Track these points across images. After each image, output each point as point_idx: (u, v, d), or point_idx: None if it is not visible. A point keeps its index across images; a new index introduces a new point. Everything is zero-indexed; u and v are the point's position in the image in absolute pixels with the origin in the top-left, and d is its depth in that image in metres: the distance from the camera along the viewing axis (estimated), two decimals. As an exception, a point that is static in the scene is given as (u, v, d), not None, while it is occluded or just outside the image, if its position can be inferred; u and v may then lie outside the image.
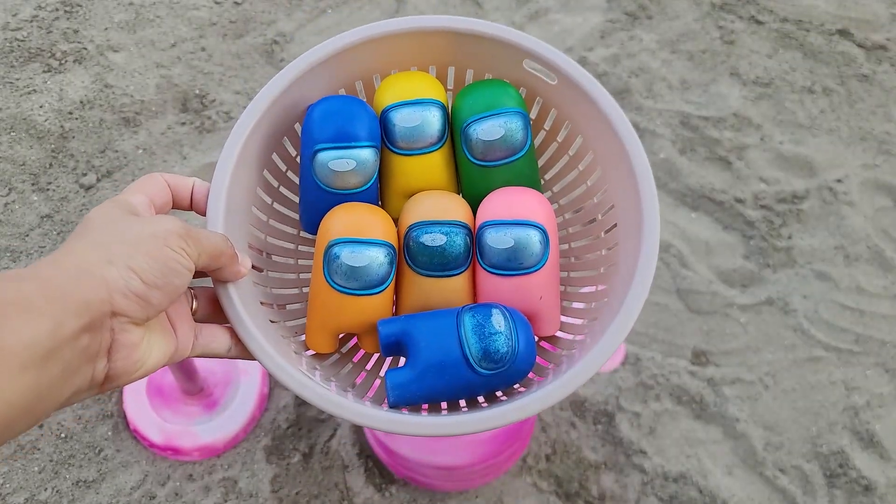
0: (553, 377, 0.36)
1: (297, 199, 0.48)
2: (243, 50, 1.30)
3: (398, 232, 0.42)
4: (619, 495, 0.82)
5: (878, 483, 0.85)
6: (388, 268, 0.39)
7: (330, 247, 0.39)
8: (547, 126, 0.47)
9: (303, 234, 0.49)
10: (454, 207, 0.41)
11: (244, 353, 0.37)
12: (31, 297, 0.25)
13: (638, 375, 0.92)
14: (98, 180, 1.08)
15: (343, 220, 0.39)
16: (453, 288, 0.40)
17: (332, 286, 0.39)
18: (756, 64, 1.37)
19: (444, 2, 1.44)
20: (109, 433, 0.84)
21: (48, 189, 1.07)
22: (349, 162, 0.40)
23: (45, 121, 1.14)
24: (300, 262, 0.48)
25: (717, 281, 1.05)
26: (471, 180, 0.44)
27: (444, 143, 0.43)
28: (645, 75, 1.33)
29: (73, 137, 1.13)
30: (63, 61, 1.25)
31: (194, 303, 0.37)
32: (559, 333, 0.43)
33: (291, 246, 0.48)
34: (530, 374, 0.40)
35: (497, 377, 0.35)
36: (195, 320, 0.37)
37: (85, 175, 1.09)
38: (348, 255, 0.38)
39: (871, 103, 1.32)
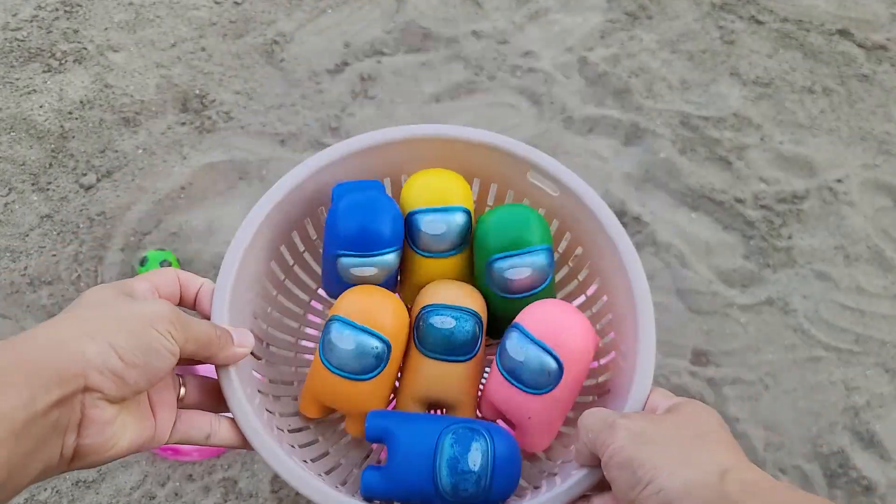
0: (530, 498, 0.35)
1: (300, 295, 0.49)
2: (243, 50, 1.30)
3: (410, 316, 0.42)
4: (620, 495, 0.82)
5: (878, 483, 0.85)
6: (375, 360, 0.38)
7: (329, 323, 0.39)
8: None
9: (303, 327, 0.49)
10: (467, 296, 0.41)
11: (228, 441, 0.37)
12: (6, 367, 0.25)
13: (638, 375, 0.92)
14: (98, 180, 1.08)
15: (352, 302, 0.39)
16: (457, 375, 0.40)
17: (322, 362, 0.39)
18: (756, 64, 1.37)
19: (445, 2, 1.44)
20: (109, 433, 0.84)
21: (48, 189, 1.07)
22: (371, 269, 0.41)
23: (45, 121, 1.14)
24: (299, 355, 0.49)
25: (717, 281, 1.05)
26: (492, 305, 0.44)
27: (465, 248, 0.44)
28: (645, 75, 1.33)
29: (73, 137, 1.13)
30: (63, 61, 1.25)
31: (182, 390, 0.37)
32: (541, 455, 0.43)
33: (292, 339, 0.48)
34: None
35: None
36: (184, 407, 0.36)
37: (85, 175, 1.09)
38: (338, 336, 0.38)
39: (871, 103, 1.31)
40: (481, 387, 0.44)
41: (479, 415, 0.44)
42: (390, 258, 0.41)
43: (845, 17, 1.47)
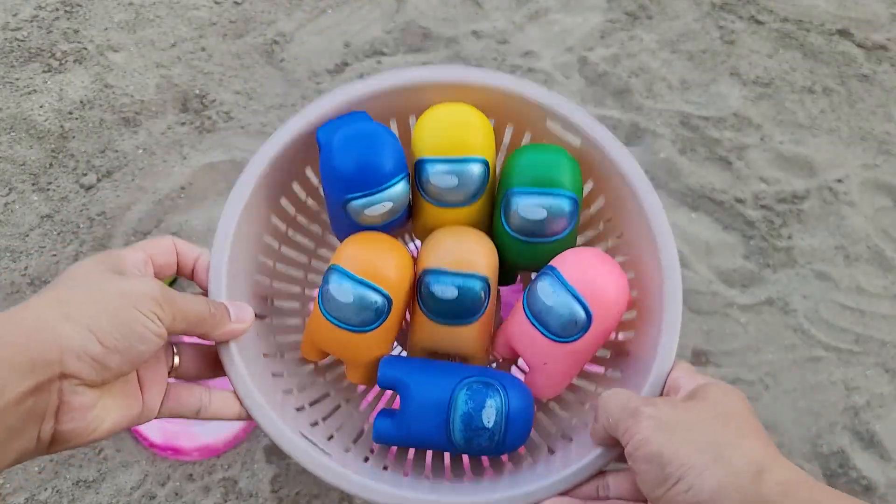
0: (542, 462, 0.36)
1: (305, 241, 0.47)
2: (243, 50, 1.30)
3: (415, 270, 0.39)
4: (620, 495, 0.82)
5: (878, 483, 0.85)
6: (375, 314, 0.37)
7: (328, 272, 0.38)
8: None
9: (310, 276, 0.48)
10: (474, 253, 0.38)
11: (221, 413, 0.35)
12: None
13: (638, 375, 0.92)
14: (98, 180, 1.08)
15: (353, 252, 0.37)
16: (465, 336, 0.38)
17: (321, 311, 0.38)
18: (756, 64, 1.37)
19: (445, 2, 1.44)
20: (109, 433, 0.84)
21: (48, 189, 1.07)
22: (386, 205, 0.37)
23: (45, 121, 1.14)
24: (305, 307, 0.48)
25: (716, 281, 1.05)
26: (505, 247, 0.41)
27: (479, 198, 0.39)
28: (645, 75, 1.33)
29: (73, 137, 1.13)
30: (63, 61, 1.25)
31: (175, 359, 0.35)
32: (554, 406, 0.43)
33: (298, 289, 0.47)
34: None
35: (478, 455, 0.36)
36: (178, 377, 0.35)
37: (85, 175, 1.09)
38: (336, 288, 0.37)
39: (871, 103, 1.32)
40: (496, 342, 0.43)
41: (493, 355, 0.43)
42: (400, 188, 0.38)
43: (845, 17, 1.47)
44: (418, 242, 0.54)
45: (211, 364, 0.37)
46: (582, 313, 0.36)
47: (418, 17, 1.41)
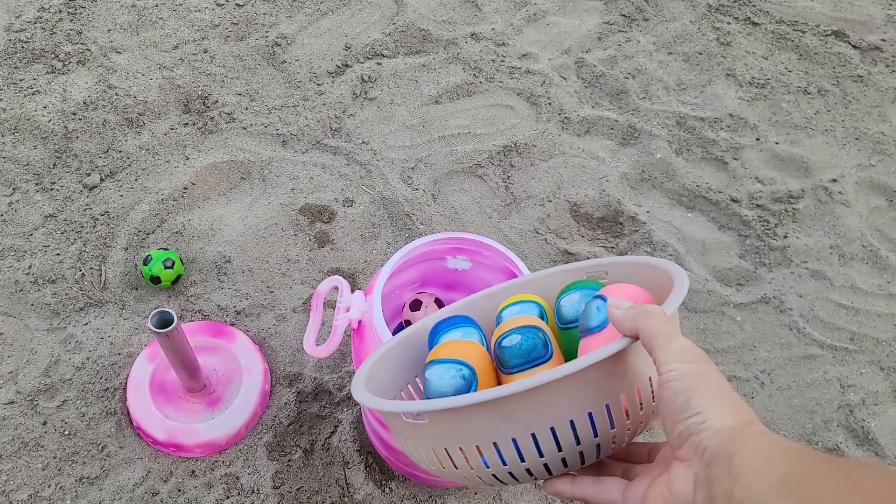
0: None
1: None
2: (245, 52, 1.31)
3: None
4: (617, 491, 0.83)
5: (871, 479, 0.86)
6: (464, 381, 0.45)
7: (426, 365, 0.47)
8: None
9: None
10: (533, 318, 0.46)
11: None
12: None
13: (635, 373, 0.93)
14: (101, 180, 1.09)
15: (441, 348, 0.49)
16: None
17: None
18: (752, 65, 1.38)
19: (443, 5, 1.45)
20: (112, 430, 0.84)
21: (52, 189, 1.08)
22: None
23: (49, 121, 1.15)
24: None
25: (712, 280, 1.06)
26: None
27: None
28: (641, 77, 1.34)
29: (77, 138, 1.14)
30: (66, 62, 1.26)
31: None
32: None
33: None
34: None
35: None
36: None
37: (88, 175, 1.10)
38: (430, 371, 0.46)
39: (865, 104, 1.33)
40: None
41: None
42: None
43: (840, 19, 1.48)
44: None
45: None
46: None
47: (418, 20, 1.42)
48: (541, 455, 0.35)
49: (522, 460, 0.35)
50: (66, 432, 0.84)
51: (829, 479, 0.24)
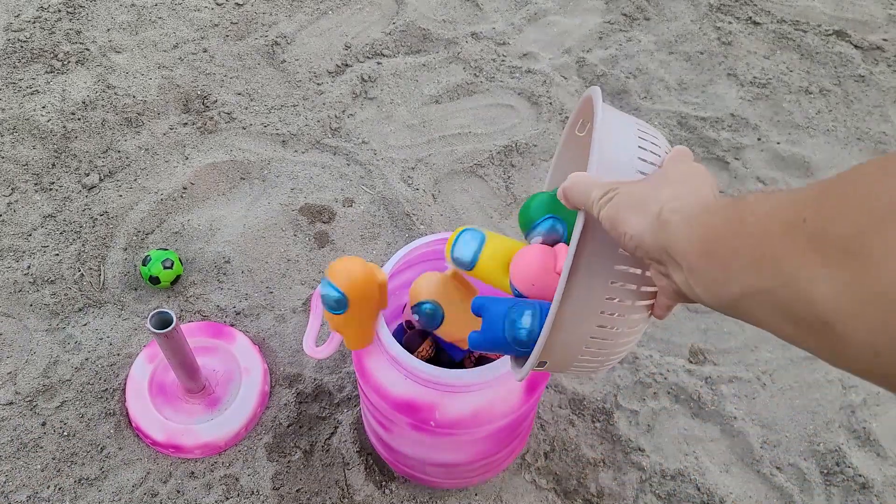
0: None
1: None
2: (245, 51, 1.31)
3: None
4: (618, 493, 0.83)
5: (874, 481, 0.86)
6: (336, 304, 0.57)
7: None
8: None
9: None
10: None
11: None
12: None
13: (636, 374, 0.92)
14: (101, 180, 1.09)
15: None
16: None
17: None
18: (753, 65, 1.38)
19: (444, 4, 1.44)
20: (112, 431, 0.84)
21: (51, 189, 1.07)
22: None
23: (48, 121, 1.15)
24: None
25: (714, 280, 1.05)
26: None
27: None
28: (643, 76, 1.34)
29: (76, 138, 1.14)
30: (65, 62, 1.25)
31: None
32: None
33: None
34: None
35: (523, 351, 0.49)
36: None
37: (87, 175, 1.09)
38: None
39: (867, 104, 1.32)
40: None
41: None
42: None
43: (842, 19, 1.48)
44: None
45: None
46: None
47: (418, 19, 1.42)
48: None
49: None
50: (65, 433, 0.84)
51: (726, 224, 0.29)
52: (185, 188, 1.09)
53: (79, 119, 1.16)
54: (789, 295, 0.25)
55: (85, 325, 0.93)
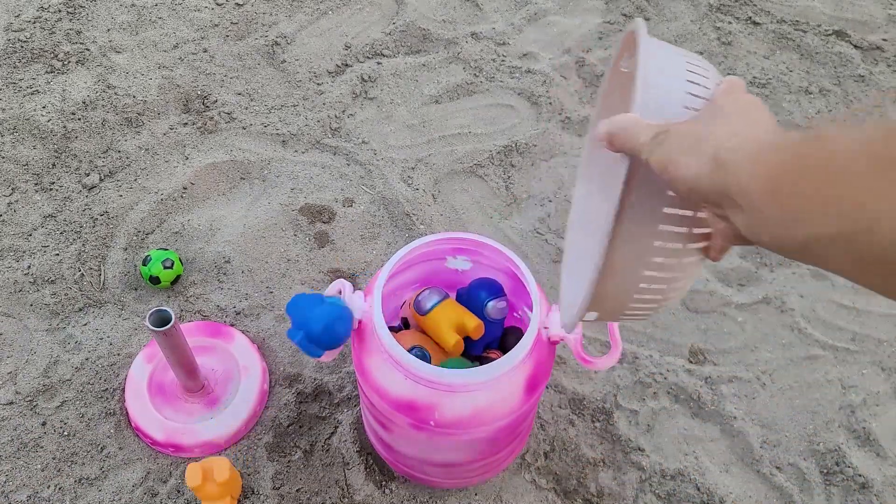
0: None
1: None
2: (245, 51, 1.31)
3: None
4: (618, 493, 0.83)
5: (874, 481, 0.86)
6: None
7: None
8: None
9: None
10: None
11: None
12: None
13: (636, 373, 0.92)
14: (101, 180, 1.09)
15: None
16: None
17: None
18: (753, 65, 1.38)
19: (444, 4, 1.44)
20: (112, 431, 0.84)
21: (51, 189, 1.07)
22: None
23: (48, 121, 1.15)
24: None
25: (714, 280, 1.05)
26: None
27: None
28: (643, 76, 1.34)
29: (76, 138, 1.14)
30: (66, 62, 1.26)
31: None
32: None
33: None
34: None
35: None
36: None
37: (88, 175, 1.10)
38: None
39: (867, 104, 1.32)
40: None
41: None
42: None
43: (842, 19, 1.48)
44: None
45: None
46: None
47: (418, 19, 1.42)
48: None
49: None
50: (66, 433, 0.84)
51: (798, 161, 0.27)
52: (185, 188, 1.09)
53: (79, 119, 1.16)
54: (873, 240, 0.22)
55: (85, 324, 0.93)
